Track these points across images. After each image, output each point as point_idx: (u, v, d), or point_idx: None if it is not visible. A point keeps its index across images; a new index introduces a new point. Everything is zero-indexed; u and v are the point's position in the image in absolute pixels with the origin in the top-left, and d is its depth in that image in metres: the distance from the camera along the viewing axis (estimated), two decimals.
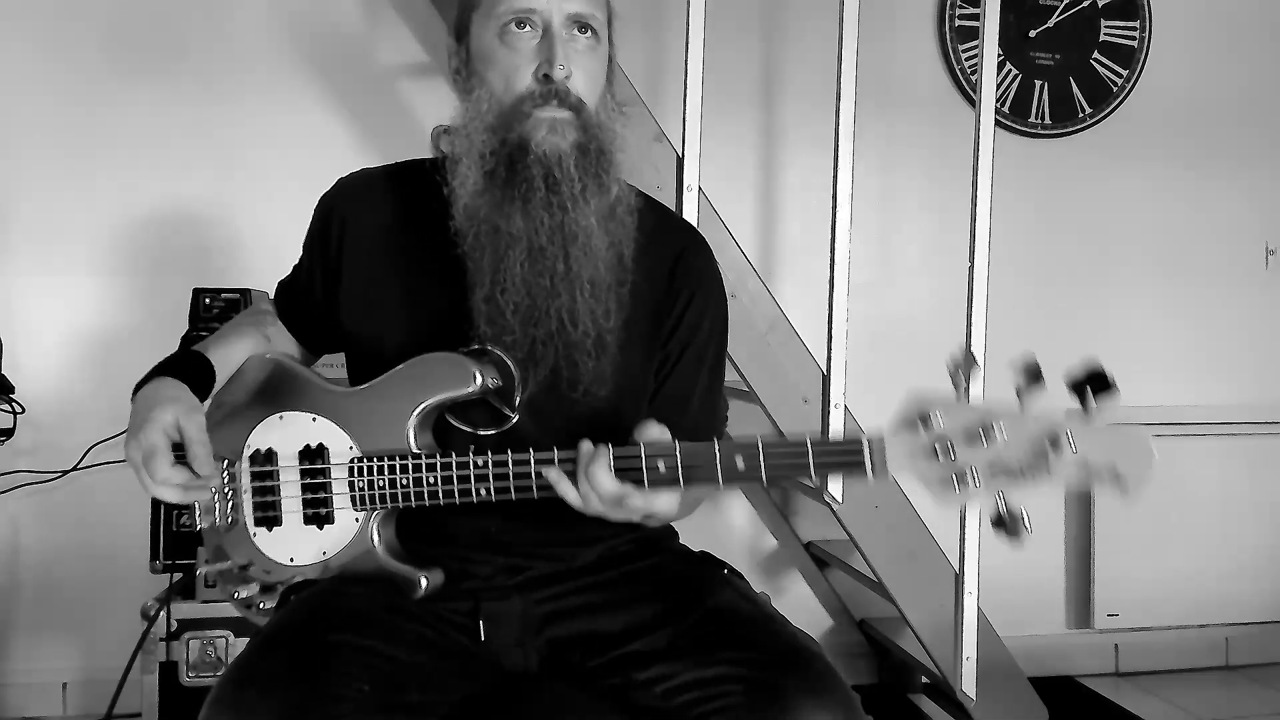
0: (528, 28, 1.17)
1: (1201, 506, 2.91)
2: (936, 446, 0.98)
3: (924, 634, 2.26)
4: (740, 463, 1.08)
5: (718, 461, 1.08)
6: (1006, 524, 0.98)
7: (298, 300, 1.38)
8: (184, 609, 2.05)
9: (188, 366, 1.24)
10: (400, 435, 1.20)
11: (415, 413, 1.19)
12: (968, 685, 2.21)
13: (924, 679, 2.66)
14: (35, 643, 2.49)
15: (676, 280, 1.28)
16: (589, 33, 1.19)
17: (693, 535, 1.40)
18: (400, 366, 1.22)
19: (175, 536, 2.08)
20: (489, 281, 1.17)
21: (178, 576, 2.06)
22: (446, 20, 2.36)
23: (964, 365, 0.99)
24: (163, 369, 1.23)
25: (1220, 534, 2.92)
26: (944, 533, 2.26)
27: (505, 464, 1.14)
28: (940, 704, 2.56)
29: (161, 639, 2.04)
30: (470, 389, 1.18)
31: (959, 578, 2.20)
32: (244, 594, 1.29)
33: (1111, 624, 2.86)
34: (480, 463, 1.14)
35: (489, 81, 1.19)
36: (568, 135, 1.16)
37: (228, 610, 2.04)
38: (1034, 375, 0.97)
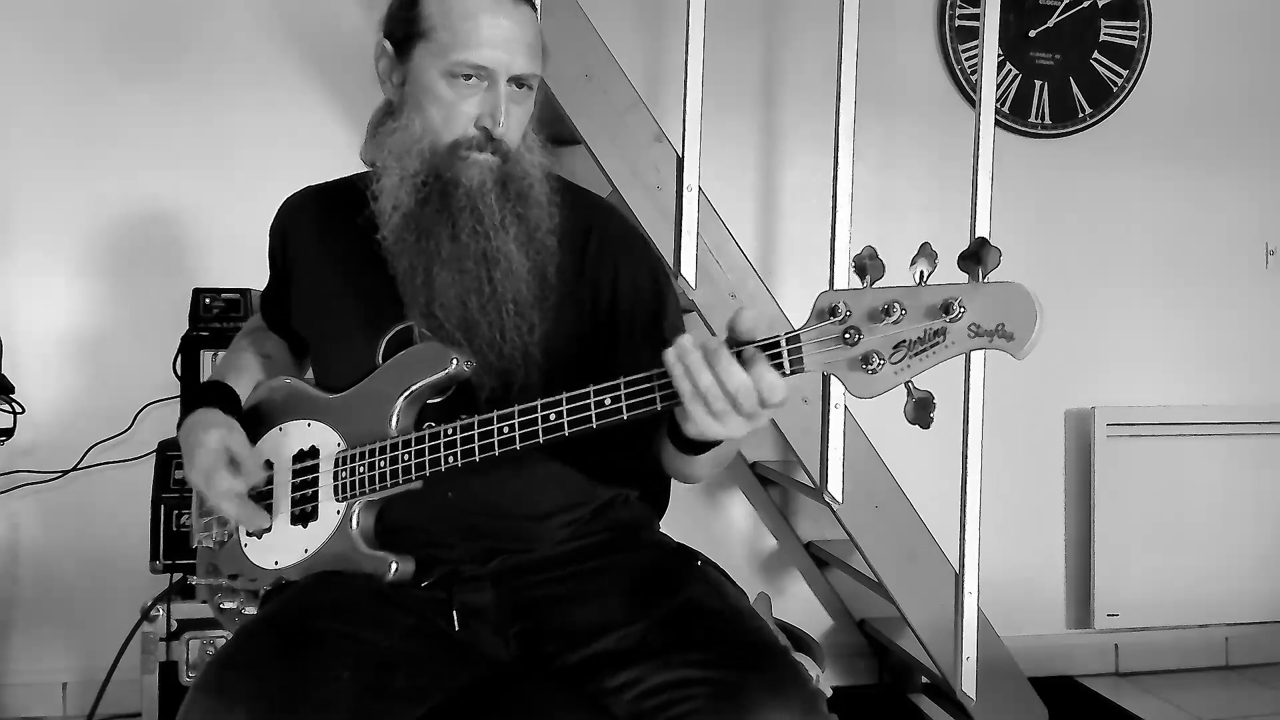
0: (474, 79, 1.25)
1: (1201, 506, 2.91)
2: (846, 333, 1.02)
3: (924, 634, 2.26)
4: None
5: (655, 375, 1.08)
6: (918, 412, 1.02)
7: (271, 305, 1.52)
8: (184, 609, 2.05)
9: (215, 395, 1.37)
10: (383, 424, 1.25)
11: (399, 400, 1.25)
12: (968, 685, 2.21)
13: (924, 679, 2.66)
14: (35, 643, 2.49)
15: (590, 257, 1.34)
16: (525, 87, 1.29)
17: (693, 535, 1.39)
18: (385, 364, 1.28)
19: (175, 536, 2.08)
20: (423, 300, 1.25)
21: (178, 576, 2.06)
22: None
23: (869, 265, 1.02)
24: (196, 402, 1.35)
25: (1220, 534, 2.92)
26: (944, 533, 2.26)
27: (471, 426, 1.18)
28: (940, 704, 2.56)
29: (161, 639, 2.04)
30: (448, 370, 1.23)
31: (959, 578, 2.20)
32: (227, 605, 1.34)
33: (1111, 624, 2.86)
34: (449, 430, 1.19)
35: (427, 113, 1.26)
36: (493, 174, 1.26)
37: None
38: (931, 259, 1.02)
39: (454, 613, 1.23)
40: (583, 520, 1.31)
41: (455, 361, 1.23)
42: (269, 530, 1.30)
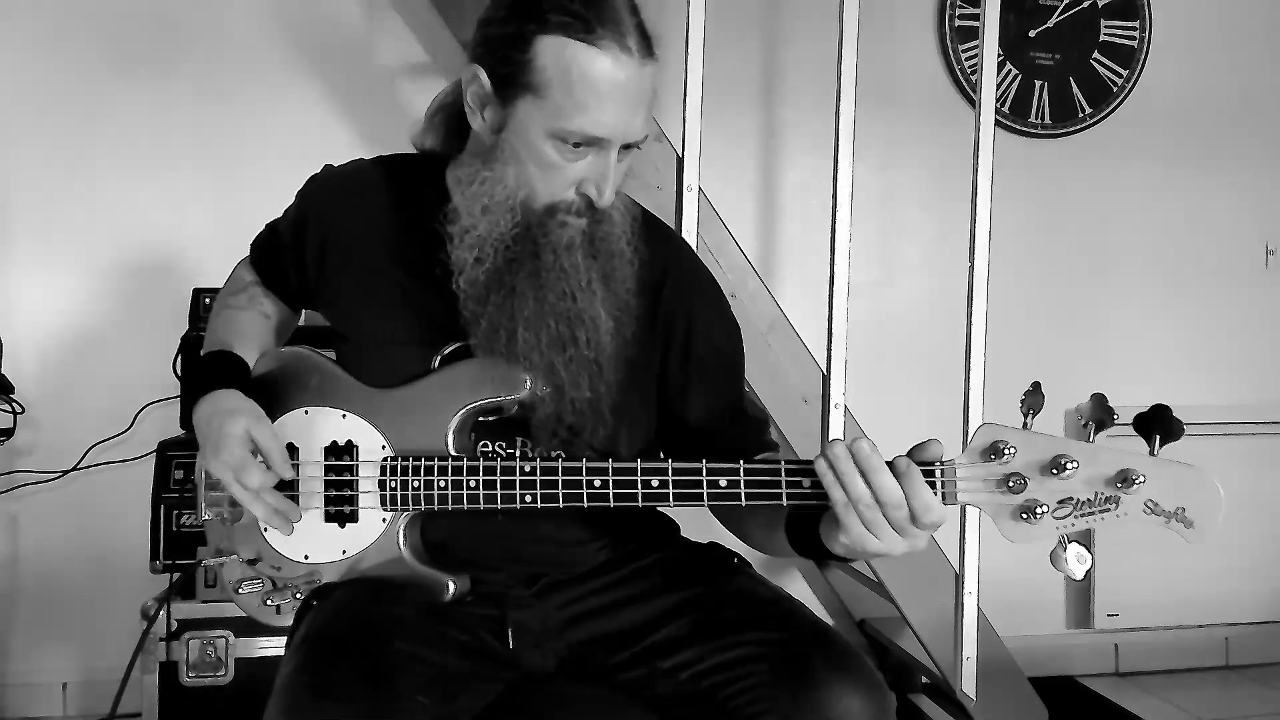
0: (583, 145, 1.15)
1: None
2: (1010, 479, 1.00)
3: (924, 634, 2.25)
4: (806, 484, 1.08)
5: (782, 478, 1.08)
6: (1070, 563, 1.01)
7: (276, 269, 1.40)
8: (184, 609, 2.05)
9: (230, 371, 1.27)
10: (438, 437, 1.19)
11: (458, 415, 1.19)
12: (968, 685, 2.21)
13: (924, 679, 2.66)
14: (35, 643, 2.48)
15: (664, 305, 1.28)
16: (632, 148, 1.19)
17: (694, 535, 1.40)
18: (443, 370, 1.22)
19: (175, 536, 2.08)
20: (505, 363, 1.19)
21: (178, 576, 2.06)
22: (447, 20, 2.33)
23: (1031, 400, 1.00)
24: (210, 379, 1.26)
25: (1220, 534, 2.90)
26: (944, 533, 2.25)
27: (555, 471, 1.13)
28: (940, 704, 2.56)
29: (161, 639, 2.04)
30: (520, 394, 1.19)
31: (959, 578, 2.20)
32: (248, 590, 1.28)
33: (1111, 624, 2.86)
34: (528, 469, 1.14)
35: (526, 169, 1.17)
36: (582, 235, 1.19)
37: (228, 610, 2.04)
38: (1105, 412, 1.00)
39: (509, 631, 1.21)
40: (619, 537, 1.31)
41: (528, 386, 1.18)
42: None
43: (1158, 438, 0.99)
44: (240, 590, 1.28)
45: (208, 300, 2.25)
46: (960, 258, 2.21)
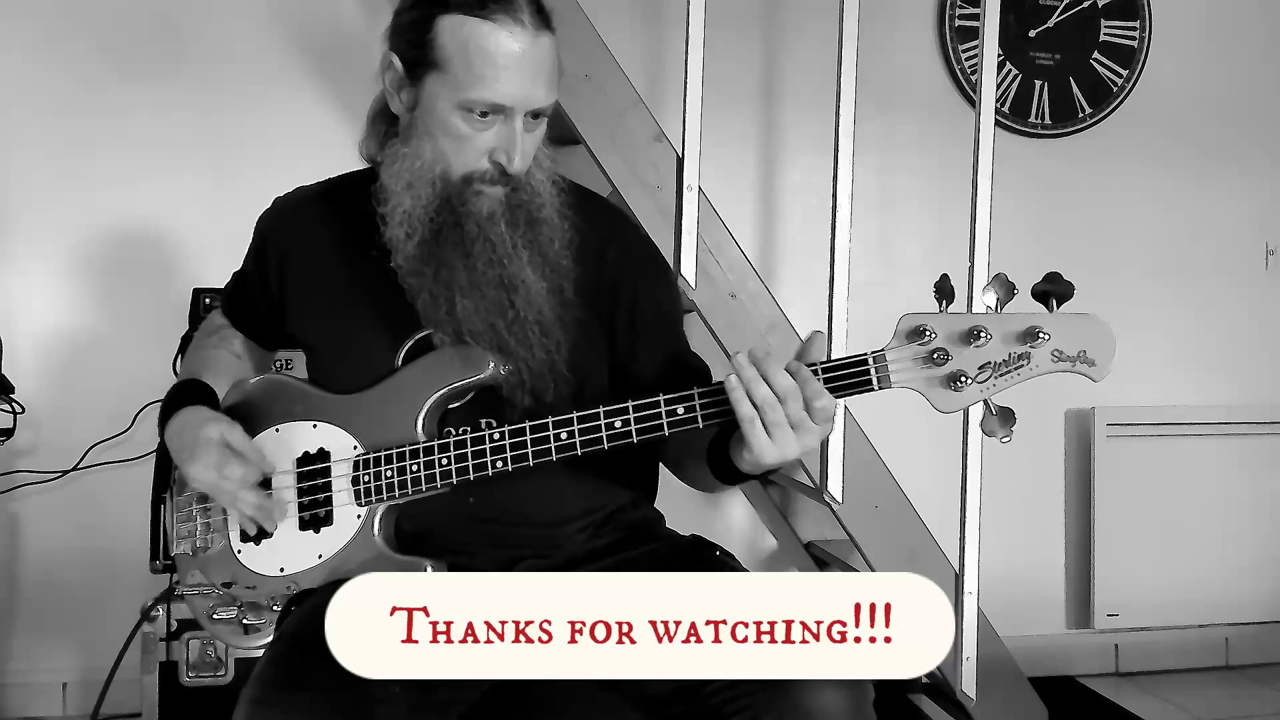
0: (489, 115, 1.21)
1: (1201, 506, 2.91)
2: (934, 353, 1.09)
3: None
4: None
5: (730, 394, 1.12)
6: (996, 425, 1.11)
7: (245, 307, 1.47)
8: (184, 609, 2.05)
9: (196, 394, 1.33)
10: (409, 428, 1.22)
11: (426, 404, 1.22)
12: (968, 685, 2.21)
13: (924, 679, 2.66)
14: (35, 643, 2.49)
15: (608, 271, 1.34)
16: (541, 116, 1.25)
17: (679, 527, 1.40)
18: (407, 366, 1.25)
19: None
20: (451, 330, 1.24)
21: (178, 577, 2.06)
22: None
23: (941, 290, 1.13)
24: (177, 402, 1.32)
25: (1220, 534, 2.92)
26: (944, 533, 2.26)
27: (523, 432, 1.17)
28: (940, 704, 2.56)
29: (161, 639, 2.04)
30: (485, 373, 1.22)
31: (959, 578, 2.20)
32: (222, 615, 1.29)
33: (1111, 624, 2.86)
34: (496, 435, 1.18)
35: (439, 143, 1.23)
36: (501, 205, 1.25)
37: None
38: (1007, 288, 1.12)
39: None
40: (598, 523, 1.32)
41: (493, 364, 1.22)
42: (268, 536, 1.27)
43: (1053, 300, 1.11)
44: (214, 617, 1.30)
45: (208, 300, 2.25)
46: (960, 258, 2.21)
